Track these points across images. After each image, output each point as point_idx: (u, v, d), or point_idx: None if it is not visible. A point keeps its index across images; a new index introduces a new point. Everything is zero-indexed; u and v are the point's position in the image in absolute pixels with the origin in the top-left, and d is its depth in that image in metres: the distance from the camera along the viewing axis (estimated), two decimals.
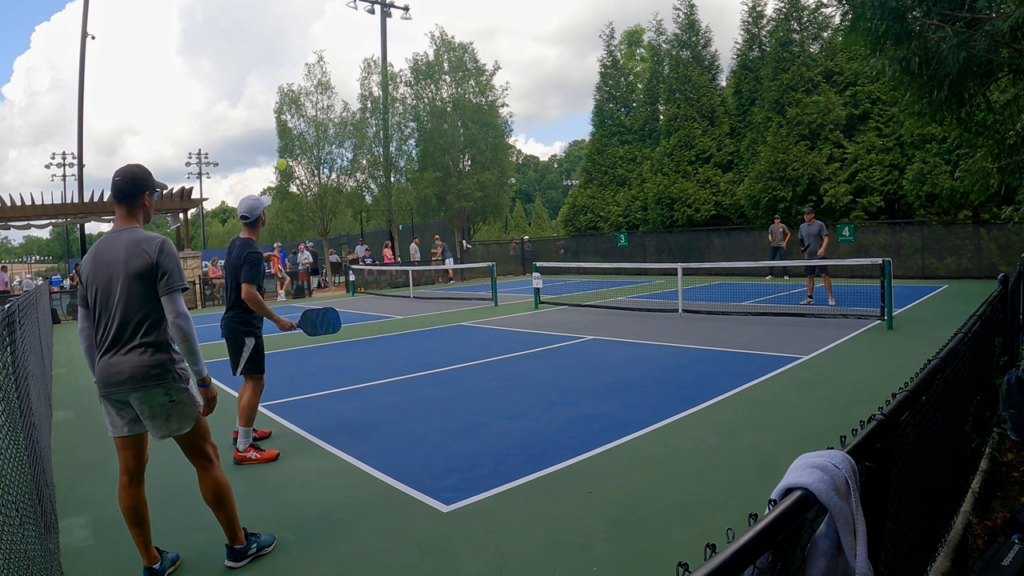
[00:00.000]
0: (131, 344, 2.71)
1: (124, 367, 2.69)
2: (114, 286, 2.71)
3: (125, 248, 2.72)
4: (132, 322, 2.70)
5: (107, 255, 2.74)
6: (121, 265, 2.70)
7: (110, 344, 2.72)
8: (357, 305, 16.70)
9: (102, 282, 2.74)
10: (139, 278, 2.69)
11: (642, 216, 24.70)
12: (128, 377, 2.69)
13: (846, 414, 4.75)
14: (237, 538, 3.02)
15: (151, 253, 2.70)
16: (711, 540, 0.96)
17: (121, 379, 2.69)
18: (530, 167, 78.47)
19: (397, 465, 4.21)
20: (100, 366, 2.74)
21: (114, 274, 2.71)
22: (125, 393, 2.71)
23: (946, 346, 2.25)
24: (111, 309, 2.72)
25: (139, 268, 2.69)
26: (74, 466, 4.63)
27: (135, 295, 2.70)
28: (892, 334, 8.30)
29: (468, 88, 27.81)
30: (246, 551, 3.04)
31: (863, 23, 5.57)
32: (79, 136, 22.93)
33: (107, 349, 2.73)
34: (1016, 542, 2.55)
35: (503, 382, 6.61)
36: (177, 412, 2.79)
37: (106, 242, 2.80)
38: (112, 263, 2.72)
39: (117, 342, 2.71)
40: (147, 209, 2.87)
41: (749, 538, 0.93)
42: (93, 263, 2.77)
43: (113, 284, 2.71)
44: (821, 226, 11.15)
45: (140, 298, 2.70)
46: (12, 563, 1.85)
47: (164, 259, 2.71)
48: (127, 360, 2.69)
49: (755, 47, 22.40)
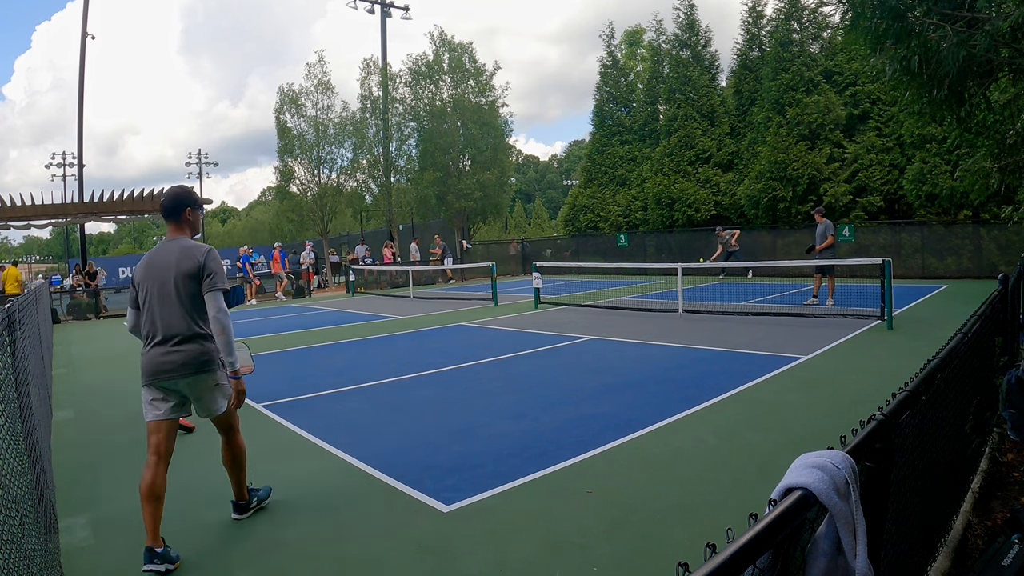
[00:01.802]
0: (182, 337, 3.10)
1: (176, 357, 3.09)
2: (167, 287, 3.12)
3: (176, 254, 3.16)
4: (182, 318, 3.10)
5: (160, 261, 3.18)
6: (173, 268, 3.12)
7: (162, 338, 3.11)
8: (357, 305, 16.70)
9: (154, 284, 3.14)
10: (189, 279, 3.12)
11: (642, 216, 24.71)
12: (180, 365, 3.10)
13: (846, 414, 4.75)
14: (243, 496, 3.52)
15: (199, 257, 3.14)
16: (711, 540, 0.96)
17: (174, 367, 3.10)
18: (530, 167, 78.48)
19: (397, 465, 4.21)
20: (151, 356, 3.12)
21: (166, 277, 3.12)
22: (176, 380, 3.11)
23: (946, 346, 2.24)
24: (163, 307, 3.12)
25: (188, 270, 3.12)
26: (74, 466, 4.63)
27: (184, 294, 3.11)
28: (892, 334, 8.30)
29: (468, 88, 27.81)
30: (248, 505, 3.54)
31: (863, 22, 5.56)
32: (79, 136, 22.93)
33: (159, 342, 3.11)
34: (1016, 542, 2.55)
35: (503, 382, 6.61)
36: (221, 393, 3.27)
37: (159, 251, 3.24)
38: (164, 267, 3.14)
39: (169, 336, 3.11)
40: (192, 223, 3.32)
41: (749, 538, 0.93)
42: (146, 268, 3.20)
43: (166, 285, 3.12)
44: (828, 225, 11.10)
45: (189, 297, 3.12)
46: (12, 563, 1.85)
47: (209, 262, 3.15)
48: (179, 350, 3.10)
49: (755, 47, 22.41)
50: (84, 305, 18.11)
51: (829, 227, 11.13)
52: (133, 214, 20.85)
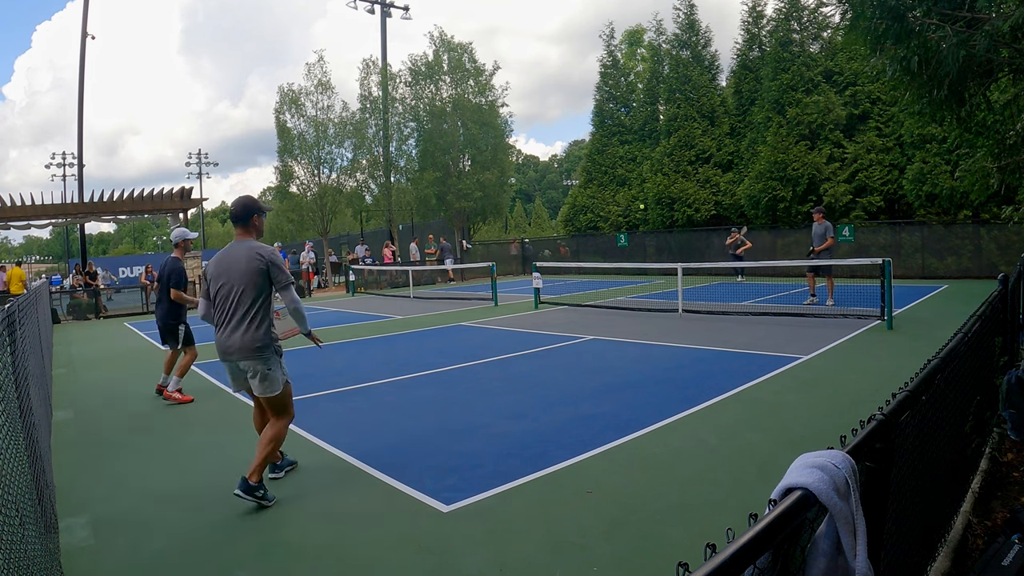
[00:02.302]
0: (243, 325, 3.61)
1: (236, 342, 3.61)
2: (234, 282, 3.62)
3: (245, 254, 3.65)
4: (245, 309, 3.61)
5: (230, 260, 3.67)
6: (242, 266, 3.61)
7: (232, 326, 3.64)
8: (357, 305, 16.70)
9: (225, 279, 3.65)
10: (255, 275, 3.62)
11: (642, 216, 24.71)
12: (238, 349, 3.62)
13: (846, 414, 4.75)
14: (255, 476, 3.63)
15: (264, 258, 3.64)
16: (711, 540, 0.96)
17: (233, 350, 3.63)
18: (530, 167, 78.45)
19: (397, 465, 4.21)
20: (220, 340, 3.69)
21: (235, 273, 3.62)
22: (235, 360, 3.64)
23: (946, 346, 2.24)
24: (231, 299, 3.63)
25: (254, 269, 3.62)
26: (74, 466, 4.63)
27: (248, 290, 3.61)
28: (892, 334, 8.30)
29: (467, 88, 27.81)
30: (253, 491, 3.61)
31: (863, 22, 5.56)
32: (79, 136, 22.93)
33: (225, 328, 3.65)
34: (1016, 542, 2.55)
35: (503, 382, 6.61)
36: (271, 379, 3.69)
37: (230, 250, 3.73)
38: (234, 264, 3.64)
39: (234, 323, 3.63)
40: (258, 227, 3.83)
41: (749, 538, 0.93)
42: (218, 266, 3.71)
43: (233, 281, 3.62)
44: (828, 227, 11.12)
45: (252, 292, 3.62)
46: (12, 563, 1.85)
47: (273, 263, 3.66)
48: (238, 336, 3.61)
49: (755, 47, 22.40)
50: (84, 305, 18.11)
51: (829, 229, 11.13)
52: (133, 214, 20.86)
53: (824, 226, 11.11)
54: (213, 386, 7.15)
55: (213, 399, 6.57)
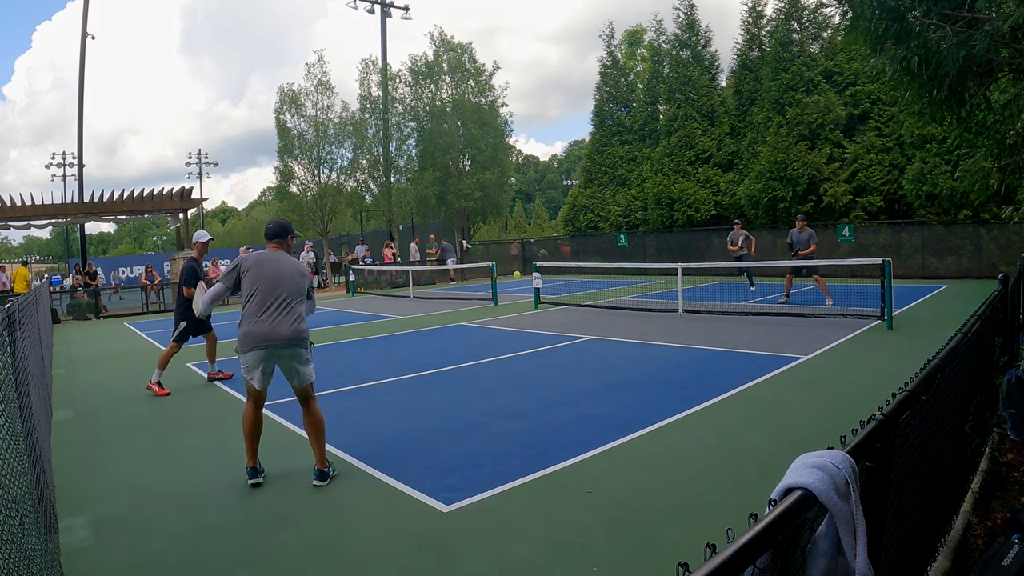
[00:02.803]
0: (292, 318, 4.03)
1: (285, 331, 3.98)
2: (284, 284, 4.05)
3: (295, 267, 4.18)
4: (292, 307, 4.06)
5: (278, 265, 4.11)
6: (294, 274, 4.13)
7: (281, 318, 3.99)
8: (357, 305, 16.70)
9: (273, 281, 4.04)
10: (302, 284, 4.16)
11: (642, 216, 24.70)
12: (287, 337, 3.99)
13: (846, 414, 4.74)
14: (324, 463, 4.03)
15: (307, 276, 4.25)
16: (711, 540, 0.96)
17: (283, 337, 3.98)
18: (530, 167, 78.44)
19: (397, 465, 4.21)
20: (262, 329, 3.96)
21: (285, 278, 4.07)
22: (281, 346, 3.99)
23: (946, 346, 2.24)
24: (281, 297, 4.03)
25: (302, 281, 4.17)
26: (74, 466, 4.63)
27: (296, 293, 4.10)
28: (892, 334, 8.30)
29: (467, 88, 27.80)
30: (329, 474, 4.03)
31: (863, 23, 5.56)
32: (79, 136, 22.92)
33: (271, 319, 3.97)
34: (1016, 542, 2.55)
35: (503, 382, 6.61)
36: (311, 366, 4.17)
37: (273, 256, 4.17)
38: (284, 271, 4.10)
39: (283, 316, 3.99)
40: (290, 246, 4.34)
41: (749, 538, 0.93)
42: (262, 266, 4.08)
43: (284, 283, 4.06)
44: (811, 234, 11.42)
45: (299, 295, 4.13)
46: (12, 563, 1.85)
47: (308, 279, 4.27)
48: (287, 326, 3.99)
49: (755, 47, 22.40)
50: (84, 305, 18.10)
51: (812, 236, 11.40)
52: (133, 214, 20.85)
53: (807, 233, 11.34)
54: (214, 386, 7.15)
55: (213, 399, 6.57)
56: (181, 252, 20.22)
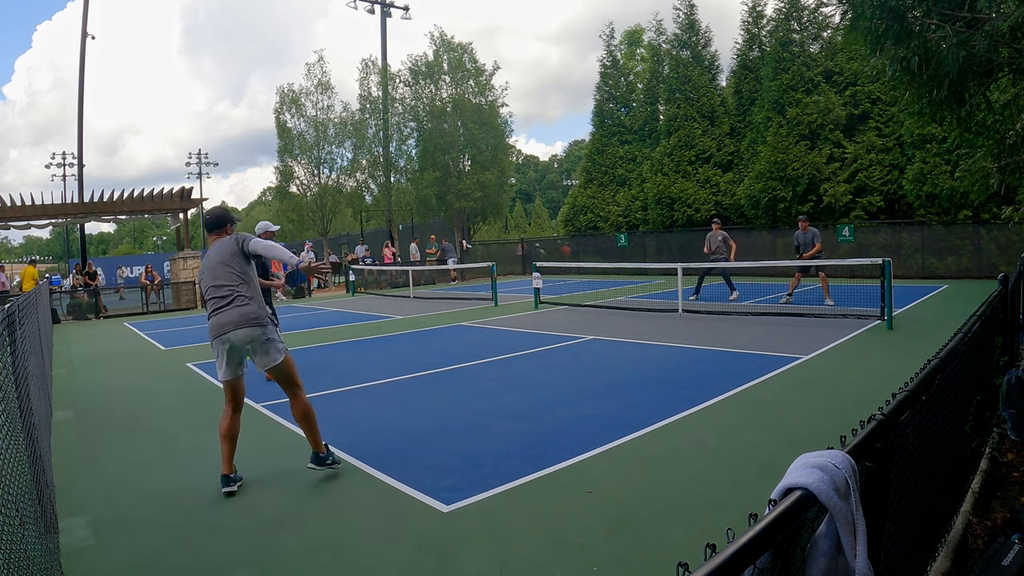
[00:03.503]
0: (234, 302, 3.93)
1: (232, 317, 3.91)
2: (216, 270, 4.00)
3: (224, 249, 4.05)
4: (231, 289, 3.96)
5: (211, 256, 4.07)
6: (217, 254, 4.03)
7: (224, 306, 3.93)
8: (357, 305, 16.70)
9: (208, 272, 4.04)
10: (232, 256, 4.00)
11: (642, 216, 24.70)
12: (233, 321, 3.89)
13: (846, 414, 4.74)
14: (320, 447, 4.10)
15: (238, 249, 4.01)
16: (711, 540, 0.96)
17: (229, 324, 3.90)
18: (530, 167, 78.43)
19: (397, 465, 4.21)
20: (214, 322, 3.95)
21: (213, 262, 4.02)
22: (231, 333, 3.90)
23: (946, 346, 2.24)
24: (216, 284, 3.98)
25: (229, 252, 4.01)
26: (74, 466, 4.63)
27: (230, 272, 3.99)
28: (892, 334, 8.30)
29: (467, 88, 27.81)
30: (325, 459, 4.09)
31: (863, 23, 5.56)
32: (79, 136, 22.93)
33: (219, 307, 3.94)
34: (1016, 542, 2.55)
35: (503, 382, 6.61)
36: (270, 347, 3.99)
37: (211, 250, 4.13)
38: (212, 257, 4.05)
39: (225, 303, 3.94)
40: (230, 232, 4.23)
41: (749, 538, 0.93)
42: (204, 263, 4.11)
43: (215, 269, 4.00)
44: (815, 233, 11.40)
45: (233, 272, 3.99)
46: (12, 563, 1.85)
47: (243, 237, 4.06)
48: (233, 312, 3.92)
49: (755, 47, 22.39)
50: (84, 305, 18.11)
51: (816, 235, 11.38)
52: (133, 214, 20.85)
53: (811, 233, 11.33)
54: (213, 386, 7.16)
55: (213, 399, 6.57)
56: (181, 252, 20.22)
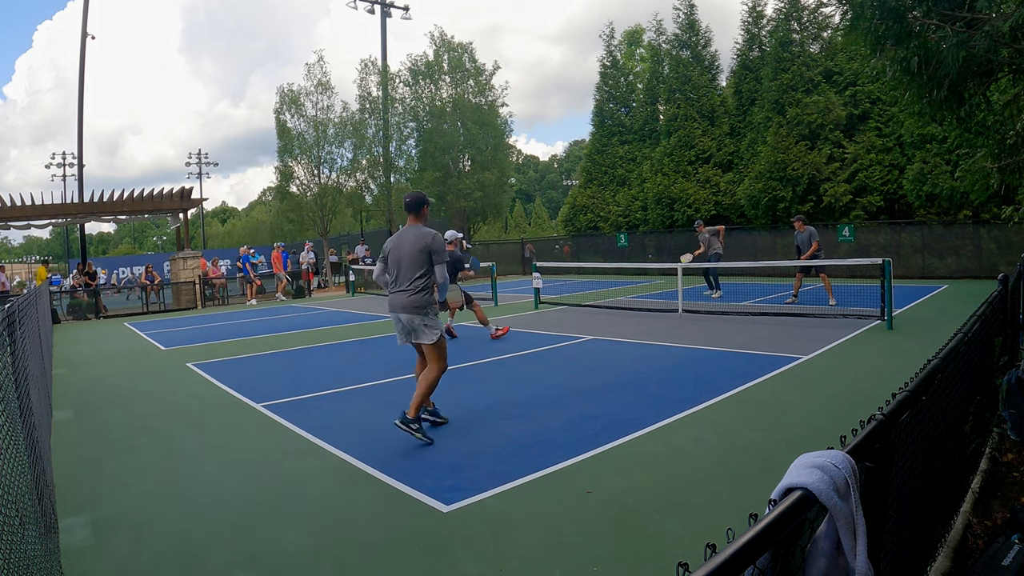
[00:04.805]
0: (409, 288, 4.66)
1: (402, 301, 4.67)
2: (402, 256, 4.69)
3: (413, 234, 4.71)
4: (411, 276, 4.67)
5: (402, 238, 4.76)
6: (410, 244, 4.68)
7: (401, 288, 4.71)
8: (357, 305, 16.70)
9: (396, 253, 4.74)
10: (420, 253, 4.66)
11: (642, 216, 24.70)
12: (402, 306, 4.68)
13: (846, 414, 4.74)
14: (412, 412, 4.55)
15: (426, 246, 4.65)
16: (711, 540, 0.96)
17: (399, 306, 4.69)
18: (530, 167, 78.42)
19: (397, 465, 4.21)
20: (391, 298, 4.78)
21: (404, 249, 4.69)
22: (399, 314, 4.70)
23: (946, 346, 2.25)
24: (401, 268, 4.71)
25: (418, 254, 4.66)
26: (74, 466, 4.63)
27: (414, 263, 4.67)
28: (892, 334, 8.30)
29: (467, 88, 27.80)
30: (410, 423, 4.50)
31: (863, 23, 5.56)
32: (79, 136, 22.92)
33: (395, 291, 4.76)
34: (1016, 542, 2.55)
35: (503, 382, 6.61)
36: (426, 330, 4.69)
37: (401, 233, 4.83)
38: (404, 243, 4.72)
39: (402, 286, 4.69)
40: (425, 217, 4.88)
41: (749, 538, 0.93)
42: (393, 242, 4.83)
43: (402, 254, 4.69)
44: (812, 232, 11.38)
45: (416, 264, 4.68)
46: (12, 563, 1.85)
47: (433, 244, 4.67)
48: (405, 297, 4.67)
49: (755, 47, 22.39)
50: (84, 305, 18.10)
51: (813, 234, 11.36)
52: (133, 214, 20.84)
53: (808, 232, 11.31)
54: (213, 386, 7.16)
55: (213, 399, 6.57)
56: (181, 252, 20.22)
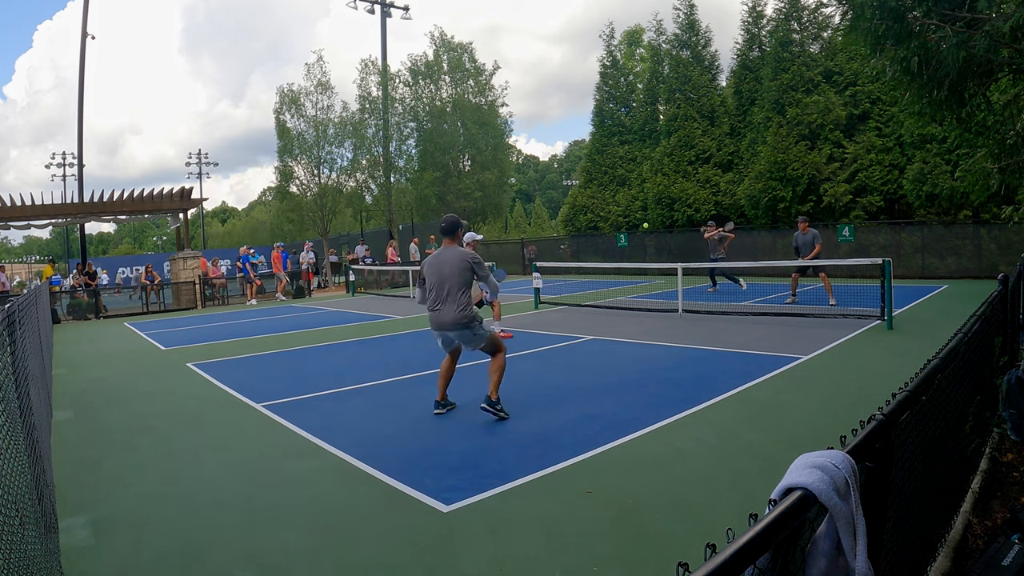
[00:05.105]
0: (454, 305, 5.04)
1: (448, 317, 5.04)
2: (446, 275, 5.06)
3: (458, 255, 5.13)
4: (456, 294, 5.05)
5: (443, 260, 5.14)
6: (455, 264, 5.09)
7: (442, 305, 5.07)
8: (357, 305, 16.70)
9: (438, 274, 5.10)
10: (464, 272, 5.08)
11: (642, 216, 24.70)
12: (451, 322, 5.05)
13: (846, 414, 4.74)
14: (494, 394, 5.06)
15: (468, 264, 5.09)
16: (711, 540, 0.96)
17: (447, 323, 5.07)
18: (530, 167, 78.42)
19: (397, 465, 4.21)
20: (434, 316, 5.14)
21: (447, 269, 5.07)
22: (447, 331, 5.13)
23: (946, 346, 2.25)
24: (445, 287, 5.06)
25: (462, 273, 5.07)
26: (74, 466, 4.63)
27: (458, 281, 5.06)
28: (892, 334, 8.30)
29: (467, 88, 27.81)
30: (494, 405, 5.04)
31: (863, 23, 5.56)
32: (79, 136, 22.92)
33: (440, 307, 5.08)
34: (1016, 542, 2.55)
35: (503, 382, 6.59)
36: (476, 339, 5.15)
37: (442, 253, 5.21)
38: (447, 263, 5.10)
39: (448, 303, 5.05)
40: (460, 238, 5.34)
41: (749, 538, 0.93)
42: (433, 264, 5.19)
43: (445, 274, 5.06)
44: (815, 234, 11.36)
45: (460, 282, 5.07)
46: (12, 563, 1.85)
47: (476, 262, 5.13)
48: (451, 312, 5.04)
49: (755, 47, 22.39)
50: (84, 305, 18.10)
51: (817, 236, 11.36)
52: (133, 214, 20.85)
53: (811, 234, 11.27)
54: (213, 386, 7.16)
55: (213, 399, 6.57)
56: (181, 252, 20.22)
